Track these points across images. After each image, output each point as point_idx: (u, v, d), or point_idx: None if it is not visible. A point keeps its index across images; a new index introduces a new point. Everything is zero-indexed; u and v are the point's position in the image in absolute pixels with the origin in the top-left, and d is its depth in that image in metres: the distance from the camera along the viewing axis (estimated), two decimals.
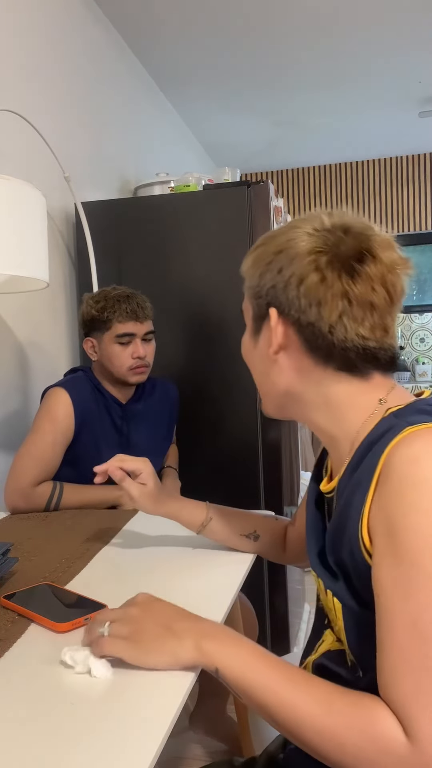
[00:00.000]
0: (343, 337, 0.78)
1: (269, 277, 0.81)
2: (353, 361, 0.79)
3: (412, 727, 0.62)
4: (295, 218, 0.85)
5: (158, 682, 0.74)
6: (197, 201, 2.16)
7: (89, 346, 1.67)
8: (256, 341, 0.86)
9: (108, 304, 1.62)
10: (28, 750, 0.63)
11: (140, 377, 1.66)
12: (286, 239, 0.81)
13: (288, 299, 0.80)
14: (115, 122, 2.82)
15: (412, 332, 4.84)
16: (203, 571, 1.09)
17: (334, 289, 0.77)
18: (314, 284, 0.77)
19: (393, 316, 0.81)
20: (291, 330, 0.81)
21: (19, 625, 0.90)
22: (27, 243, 1.38)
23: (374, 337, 0.78)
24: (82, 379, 1.66)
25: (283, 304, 0.80)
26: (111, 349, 1.63)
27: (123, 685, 0.74)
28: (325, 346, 0.79)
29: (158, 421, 1.77)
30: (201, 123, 3.98)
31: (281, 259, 0.80)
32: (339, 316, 0.77)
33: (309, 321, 0.78)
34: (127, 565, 1.13)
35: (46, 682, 0.75)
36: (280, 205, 2.29)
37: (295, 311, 0.79)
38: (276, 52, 3.10)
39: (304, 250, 0.78)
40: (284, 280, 0.80)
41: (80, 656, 0.77)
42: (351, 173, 4.92)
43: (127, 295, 1.64)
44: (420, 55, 3.19)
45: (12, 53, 1.98)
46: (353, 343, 0.78)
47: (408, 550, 0.65)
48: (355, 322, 0.77)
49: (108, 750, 0.63)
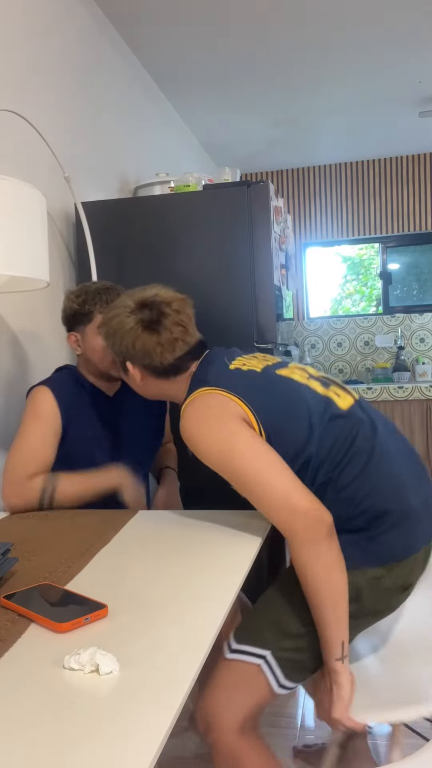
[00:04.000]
0: (166, 363, 1.38)
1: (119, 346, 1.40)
2: (176, 370, 1.39)
3: (288, 529, 1.14)
4: (112, 306, 1.43)
5: (158, 682, 0.74)
6: (197, 201, 2.16)
7: (73, 341, 1.69)
8: (125, 371, 1.44)
9: (89, 297, 1.64)
10: (28, 750, 0.63)
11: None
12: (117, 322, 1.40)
13: (131, 355, 1.39)
14: (115, 122, 2.82)
15: (412, 332, 4.84)
16: (203, 571, 1.09)
17: (157, 339, 1.37)
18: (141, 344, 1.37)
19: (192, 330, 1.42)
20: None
21: (20, 625, 0.90)
22: (27, 243, 1.38)
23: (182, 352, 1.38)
24: (64, 376, 1.68)
25: (132, 357, 1.39)
26: (94, 342, 1.63)
27: (123, 685, 0.74)
28: (162, 370, 1.39)
29: (147, 413, 1.77)
30: (201, 123, 3.98)
31: (116, 333, 1.39)
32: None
33: (149, 363, 1.39)
34: (127, 565, 1.13)
35: (46, 682, 0.76)
36: (280, 205, 2.29)
37: (140, 360, 1.39)
38: (276, 53, 3.10)
39: (128, 326, 1.37)
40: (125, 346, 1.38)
41: (85, 658, 0.77)
42: (351, 173, 4.92)
43: (108, 287, 1.67)
44: (420, 55, 3.19)
45: (12, 53, 1.98)
46: (169, 364, 1.38)
47: (218, 467, 1.25)
48: (168, 353, 1.37)
49: (108, 750, 0.63)
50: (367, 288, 5.14)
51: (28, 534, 1.33)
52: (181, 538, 1.25)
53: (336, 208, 4.95)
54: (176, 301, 1.39)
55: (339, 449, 1.27)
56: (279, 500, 1.14)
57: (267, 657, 1.21)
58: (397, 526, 1.25)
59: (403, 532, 1.25)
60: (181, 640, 0.85)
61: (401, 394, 4.22)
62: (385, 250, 5.00)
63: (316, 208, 4.98)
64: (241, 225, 2.10)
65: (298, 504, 1.13)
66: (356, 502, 1.25)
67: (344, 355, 4.91)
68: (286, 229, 2.43)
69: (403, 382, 4.57)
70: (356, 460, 1.27)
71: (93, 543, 1.25)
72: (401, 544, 1.25)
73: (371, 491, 1.25)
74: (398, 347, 4.76)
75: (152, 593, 1.01)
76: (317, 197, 4.98)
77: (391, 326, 4.88)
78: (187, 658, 0.80)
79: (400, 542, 1.25)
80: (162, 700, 0.71)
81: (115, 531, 1.33)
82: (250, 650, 1.22)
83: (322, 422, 1.28)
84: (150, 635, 0.87)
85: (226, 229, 2.11)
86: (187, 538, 1.25)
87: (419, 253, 5.01)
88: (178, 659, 0.80)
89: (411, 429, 4.21)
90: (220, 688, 1.22)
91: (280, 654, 1.22)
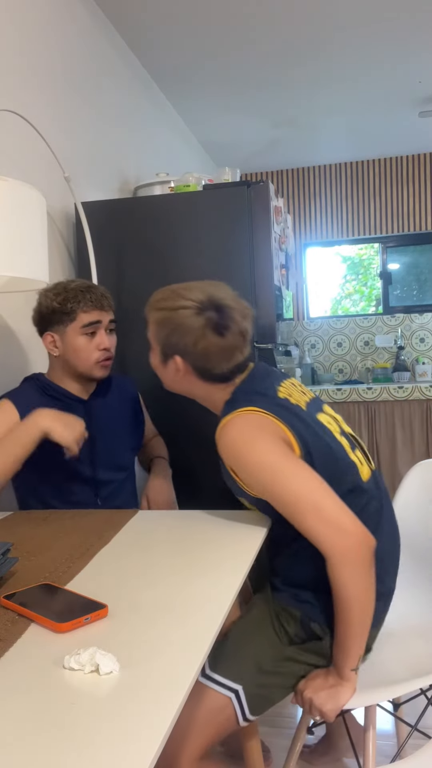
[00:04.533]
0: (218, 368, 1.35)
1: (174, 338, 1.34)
2: (223, 377, 1.37)
3: (323, 543, 1.15)
4: (177, 293, 1.36)
5: (158, 682, 0.75)
6: (197, 201, 2.16)
7: (49, 341, 1.60)
8: (164, 365, 1.39)
9: (70, 295, 1.57)
10: (28, 750, 0.63)
11: (105, 371, 1.62)
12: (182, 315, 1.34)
13: (188, 352, 1.33)
14: (115, 122, 2.82)
15: (412, 332, 4.84)
16: (203, 571, 1.09)
17: (218, 343, 1.33)
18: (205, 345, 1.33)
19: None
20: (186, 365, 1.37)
21: (20, 625, 0.90)
22: (27, 243, 1.38)
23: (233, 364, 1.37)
24: (28, 386, 1.62)
25: (185, 354, 1.34)
26: (76, 342, 1.57)
27: (123, 686, 0.74)
28: (210, 374, 1.36)
29: (120, 416, 1.73)
30: (201, 123, 3.98)
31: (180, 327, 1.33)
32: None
33: (202, 365, 1.35)
34: (127, 565, 1.13)
35: (46, 682, 0.76)
36: (280, 205, 2.29)
37: (193, 360, 1.34)
38: (276, 52, 3.10)
39: (196, 324, 1.32)
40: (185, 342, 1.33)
41: (85, 658, 0.78)
42: (351, 173, 4.92)
43: (88, 285, 1.60)
44: (420, 55, 3.19)
45: (12, 53, 1.98)
46: (219, 370, 1.35)
47: (251, 475, 1.25)
48: (224, 360, 1.35)
49: (108, 750, 0.63)
50: (367, 288, 5.15)
51: (28, 534, 1.33)
52: (180, 538, 1.26)
53: (336, 208, 4.95)
54: (244, 310, 1.37)
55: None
56: (328, 520, 1.15)
57: (239, 692, 1.22)
58: (376, 601, 1.29)
59: (378, 608, 1.30)
60: (182, 640, 0.85)
61: (401, 394, 4.22)
62: (385, 250, 5.00)
63: (316, 208, 4.98)
64: (241, 225, 2.10)
65: (348, 525, 1.14)
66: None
67: (344, 355, 4.91)
68: (286, 229, 2.43)
69: (403, 382, 4.57)
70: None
71: (93, 543, 1.25)
72: (376, 618, 1.29)
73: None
74: (398, 347, 4.76)
75: (152, 593, 1.01)
76: (317, 197, 4.98)
77: (391, 326, 4.88)
78: (187, 658, 0.80)
79: (375, 616, 1.28)
80: (162, 700, 0.71)
81: (115, 531, 1.33)
82: (224, 682, 1.23)
83: (342, 488, 1.29)
84: (150, 635, 0.87)
85: (226, 229, 2.11)
86: (186, 538, 1.25)
87: (419, 253, 5.01)
88: (178, 659, 0.80)
89: (411, 429, 4.22)
90: (185, 712, 1.22)
91: (252, 690, 1.23)
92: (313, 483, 1.18)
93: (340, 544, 1.14)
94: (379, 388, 4.27)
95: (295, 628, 1.29)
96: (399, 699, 1.65)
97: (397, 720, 1.68)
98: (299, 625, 1.29)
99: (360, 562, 1.14)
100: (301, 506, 1.16)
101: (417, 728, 1.43)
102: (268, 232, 2.11)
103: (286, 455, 1.20)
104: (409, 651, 1.37)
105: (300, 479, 1.18)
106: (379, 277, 5.01)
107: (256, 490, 1.24)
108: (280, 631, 1.29)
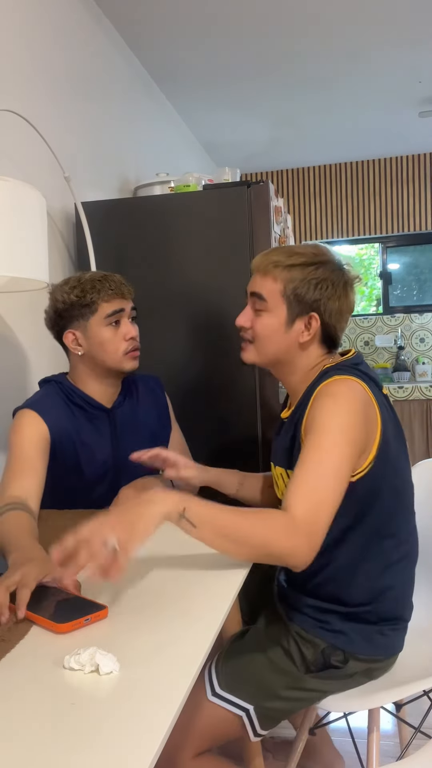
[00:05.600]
0: (340, 330, 1.33)
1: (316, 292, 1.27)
2: (336, 343, 1.34)
3: (289, 506, 1.07)
4: (321, 248, 1.34)
5: (158, 682, 0.74)
6: (197, 201, 2.16)
7: (71, 340, 1.51)
8: (290, 326, 1.28)
9: (87, 286, 1.48)
10: (29, 750, 0.63)
11: (135, 363, 1.53)
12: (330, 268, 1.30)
13: (326, 309, 1.28)
14: (115, 122, 2.82)
15: (412, 332, 4.84)
16: (202, 575, 1.09)
17: (350, 304, 1.31)
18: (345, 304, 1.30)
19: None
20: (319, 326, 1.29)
21: (22, 627, 0.90)
22: (27, 243, 1.38)
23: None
24: (51, 392, 1.52)
25: (324, 312, 1.28)
26: (102, 335, 1.48)
27: (123, 686, 0.74)
28: (332, 336, 1.32)
29: (148, 420, 1.63)
30: (201, 123, 3.98)
31: (326, 281, 1.28)
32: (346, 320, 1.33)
33: (334, 324, 1.30)
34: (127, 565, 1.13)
35: (46, 683, 0.75)
36: (280, 205, 2.29)
37: (328, 317, 1.29)
38: (276, 52, 3.10)
39: (340, 281, 1.29)
40: (328, 296, 1.28)
41: (85, 658, 0.77)
42: (351, 173, 4.92)
43: (104, 274, 1.52)
44: (420, 55, 3.19)
45: (12, 53, 1.98)
46: (340, 333, 1.33)
47: (320, 424, 1.14)
48: (346, 322, 1.33)
49: (108, 750, 0.62)
50: (367, 288, 5.14)
51: None
52: (180, 538, 1.25)
53: (336, 208, 4.95)
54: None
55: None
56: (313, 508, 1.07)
57: (250, 711, 1.20)
58: (402, 630, 1.31)
59: (401, 634, 1.31)
60: (181, 641, 0.85)
61: (401, 394, 4.22)
62: (385, 250, 5.00)
63: (316, 208, 4.98)
64: (241, 225, 2.10)
65: (320, 513, 1.07)
66: (383, 595, 1.27)
67: None
68: (286, 229, 2.43)
69: (403, 382, 4.57)
70: (405, 561, 1.30)
71: None
72: (399, 644, 1.31)
73: (404, 594, 1.31)
74: (398, 347, 4.76)
75: (152, 593, 1.01)
76: (317, 197, 4.97)
77: (391, 326, 4.87)
78: (187, 658, 0.80)
79: (399, 642, 1.30)
80: (162, 700, 0.71)
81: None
82: (235, 701, 1.20)
83: (406, 501, 1.30)
84: (150, 635, 0.87)
85: (226, 229, 2.11)
86: (186, 538, 1.24)
87: (419, 253, 5.01)
88: (178, 659, 0.80)
89: (411, 429, 4.21)
90: (196, 732, 1.19)
91: (263, 711, 1.21)
92: (335, 481, 1.11)
93: (293, 537, 1.04)
94: None
95: (314, 656, 1.24)
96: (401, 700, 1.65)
97: (399, 721, 1.68)
98: (320, 654, 1.24)
99: (298, 544, 1.05)
100: (310, 475, 1.09)
101: (420, 730, 1.42)
102: (268, 232, 2.10)
103: (354, 443, 1.15)
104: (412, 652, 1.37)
105: (335, 468, 1.11)
106: (379, 277, 5.01)
107: (307, 432, 1.17)
108: (297, 655, 1.24)
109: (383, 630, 1.27)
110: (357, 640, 1.24)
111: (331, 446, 1.12)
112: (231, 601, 0.98)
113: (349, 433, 1.14)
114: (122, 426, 1.57)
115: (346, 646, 1.24)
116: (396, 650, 1.30)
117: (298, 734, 1.52)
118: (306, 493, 1.08)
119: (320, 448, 1.12)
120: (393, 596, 1.27)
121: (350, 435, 1.14)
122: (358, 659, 1.25)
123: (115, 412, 1.57)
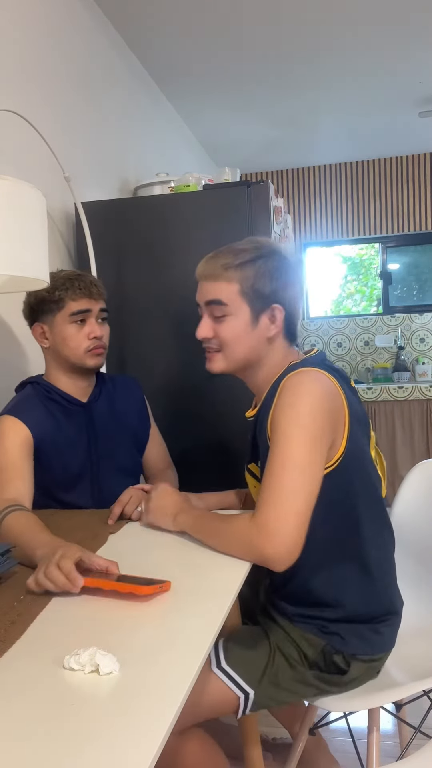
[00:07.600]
0: (298, 318, 1.32)
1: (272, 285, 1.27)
2: (295, 334, 1.33)
3: (256, 510, 1.12)
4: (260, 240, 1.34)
5: (158, 682, 0.74)
6: (197, 201, 2.16)
7: (38, 333, 1.57)
8: (255, 324, 1.27)
9: (58, 283, 1.53)
10: (29, 750, 0.63)
11: (98, 360, 1.57)
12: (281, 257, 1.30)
13: (285, 297, 1.29)
14: (115, 122, 2.82)
15: (412, 332, 4.84)
16: (203, 572, 1.09)
17: (302, 286, 1.26)
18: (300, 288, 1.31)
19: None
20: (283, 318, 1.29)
21: (19, 626, 0.90)
22: (27, 243, 1.38)
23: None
24: (30, 396, 1.56)
25: (284, 300, 1.28)
26: (65, 331, 1.53)
27: (123, 686, 0.74)
28: (293, 325, 1.32)
29: (123, 418, 1.66)
30: (201, 123, 3.98)
31: (278, 270, 1.28)
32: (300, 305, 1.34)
33: (294, 311, 1.31)
34: (127, 565, 1.13)
35: (45, 683, 0.75)
36: (280, 205, 2.29)
37: (288, 305, 1.29)
38: (276, 52, 3.10)
39: (293, 267, 1.30)
40: (284, 284, 1.28)
41: (84, 658, 0.77)
42: (351, 173, 4.92)
43: (78, 274, 1.57)
44: (420, 55, 3.19)
45: (12, 53, 1.98)
46: (298, 321, 1.32)
47: (285, 424, 1.14)
48: (301, 308, 1.33)
49: (108, 750, 0.62)
50: (368, 288, 5.14)
51: None
52: (180, 538, 1.25)
53: (336, 208, 4.95)
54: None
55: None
56: (283, 498, 1.10)
57: (250, 695, 1.20)
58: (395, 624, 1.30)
59: (395, 629, 1.30)
60: (182, 640, 0.85)
61: (401, 394, 4.22)
62: (385, 250, 5.00)
63: (316, 208, 4.98)
64: (241, 225, 2.10)
65: (286, 513, 1.09)
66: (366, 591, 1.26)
67: (344, 355, 4.91)
68: (286, 229, 2.43)
69: (403, 382, 4.57)
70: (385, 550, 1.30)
71: (92, 543, 1.25)
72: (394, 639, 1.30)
73: (388, 586, 1.30)
74: (398, 347, 4.76)
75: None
76: (317, 197, 4.97)
77: (391, 326, 4.88)
78: (188, 657, 0.80)
79: (394, 636, 1.30)
80: (162, 700, 0.71)
81: (114, 531, 1.33)
82: (239, 681, 1.20)
83: (374, 495, 1.28)
84: (150, 635, 0.86)
85: (226, 229, 2.11)
86: (186, 538, 1.25)
87: (419, 253, 5.01)
88: (178, 659, 0.80)
89: (411, 429, 4.21)
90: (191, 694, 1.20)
91: (262, 699, 1.21)
92: (302, 478, 1.11)
93: (256, 540, 1.09)
94: (379, 388, 4.26)
95: (315, 656, 1.25)
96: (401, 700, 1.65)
97: (399, 721, 1.68)
98: (321, 655, 1.25)
99: (259, 547, 1.09)
100: (282, 472, 1.11)
101: (420, 730, 1.42)
102: (268, 232, 2.10)
103: (321, 438, 1.15)
104: (412, 653, 1.37)
105: (302, 466, 1.12)
106: (379, 277, 5.01)
107: (274, 427, 1.17)
108: (300, 654, 1.25)
109: (377, 628, 1.26)
110: (353, 641, 1.24)
111: (297, 445, 1.12)
112: (231, 602, 0.98)
113: (315, 429, 1.14)
114: (99, 419, 1.62)
115: (344, 648, 1.24)
116: (392, 645, 1.30)
117: (298, 735, 1.52)
118: (271, 496, 1.10)
119: (285, 448, 1.13)
120: (375, 590, 1.26)
121: (316, 431, 1.14)
122: (360, 660, 1.25)
123: (91, 406, 1.62)
